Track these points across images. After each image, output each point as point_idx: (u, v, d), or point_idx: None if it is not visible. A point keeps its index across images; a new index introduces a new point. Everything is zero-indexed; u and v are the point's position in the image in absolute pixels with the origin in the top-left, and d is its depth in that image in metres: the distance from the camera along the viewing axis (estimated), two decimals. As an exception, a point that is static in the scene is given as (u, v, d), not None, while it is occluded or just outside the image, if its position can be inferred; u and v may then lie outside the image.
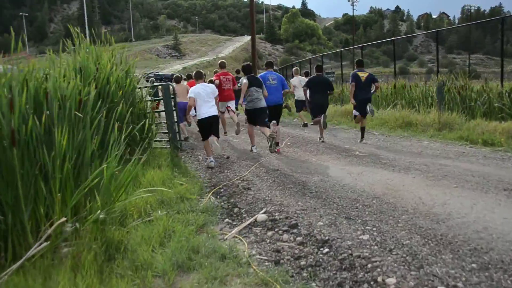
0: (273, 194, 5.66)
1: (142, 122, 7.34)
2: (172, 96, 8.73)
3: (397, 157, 7.64)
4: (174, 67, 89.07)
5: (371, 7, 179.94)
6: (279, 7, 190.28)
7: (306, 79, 11.65)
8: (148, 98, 8.87)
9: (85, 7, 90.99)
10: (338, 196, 5.31)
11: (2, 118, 3.41)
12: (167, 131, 8.76)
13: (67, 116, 3.92)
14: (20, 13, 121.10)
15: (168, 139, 8.81)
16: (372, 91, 9.98)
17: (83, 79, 6.00)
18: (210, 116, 7.74)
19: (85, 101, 4.33)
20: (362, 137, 10.09)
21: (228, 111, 11.42)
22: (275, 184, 6.21)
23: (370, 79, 9.81)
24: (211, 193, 5.91)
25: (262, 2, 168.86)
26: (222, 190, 6.12)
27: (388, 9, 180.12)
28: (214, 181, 6.78)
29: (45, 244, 3.09)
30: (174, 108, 8.76)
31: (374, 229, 4.06)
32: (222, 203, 5.43)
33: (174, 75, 15.34)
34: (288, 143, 10.23)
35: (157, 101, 10.13)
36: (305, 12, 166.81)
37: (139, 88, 8.57)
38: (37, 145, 3.60)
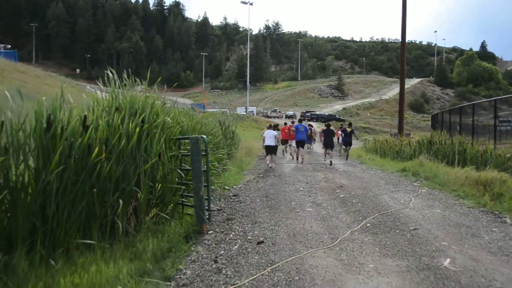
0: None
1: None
2: (204, 153, 6.42)
3: None
4: (334, 107, 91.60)
5: None
6: (454, 49, 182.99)
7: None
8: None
9: (248, 49, 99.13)
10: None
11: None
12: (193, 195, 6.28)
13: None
14: (202, 53, 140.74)
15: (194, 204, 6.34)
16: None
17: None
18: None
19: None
20: None
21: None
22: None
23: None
24: None
25: (435, 45, 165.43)
26: None
27: None
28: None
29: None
30: (204, 168, 6.45)
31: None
32: None
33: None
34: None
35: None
36: (484, 54, 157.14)
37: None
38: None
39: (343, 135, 20.21)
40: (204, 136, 6.50)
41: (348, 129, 20.03)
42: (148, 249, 4.91)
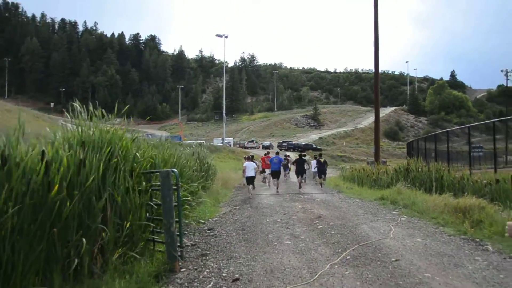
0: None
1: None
2: (174, 187, 6.09)
3: None
4: (311, 137, 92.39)
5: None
6: (426, 78, 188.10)
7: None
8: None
9: (224, 81, 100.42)
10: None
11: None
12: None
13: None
14: (178, 85, 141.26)
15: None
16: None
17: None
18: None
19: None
20: None
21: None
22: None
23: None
24: None
25: (408, 74, 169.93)
26: None
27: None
28: None
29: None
30: (175, 203, 6.02)
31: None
32: None
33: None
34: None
35: None
36: (454, 83, 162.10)
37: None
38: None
39: (317, 165, 20.97)
40: (175, 170, 6.19)
41: (321, 160, 21.28)
42: (114, 292, 4.51)
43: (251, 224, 9.46)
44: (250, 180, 16.62)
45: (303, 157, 21.05)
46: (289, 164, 25.73)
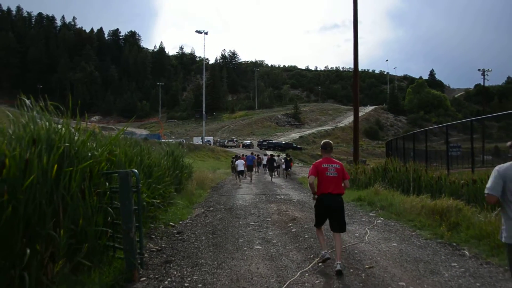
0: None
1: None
2: (135, 190, 5.69)
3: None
4: (291, 135, 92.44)
5: (508, 77, 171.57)
6: (405, 77, 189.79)
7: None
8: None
9: (204, 78, 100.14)
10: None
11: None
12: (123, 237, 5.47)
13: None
14: (158, 83, 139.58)
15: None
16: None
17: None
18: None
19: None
20: None
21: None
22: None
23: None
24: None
25: (387, 73, 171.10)
26: None
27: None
28: None
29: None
30: (135, 207, 5.61)
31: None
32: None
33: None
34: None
35: None
36: (433, 82, 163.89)
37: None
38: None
39: (285, 162, 28.94)
40: (135, 170, 5.76)
41: (288, 158, 30.07)
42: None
43: (222, 227, 9.07)
44: (241, 172, 22.84)
45: (273, 157, 28.43)
46: (260, 161, 34.91)
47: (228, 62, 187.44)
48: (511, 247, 3.78)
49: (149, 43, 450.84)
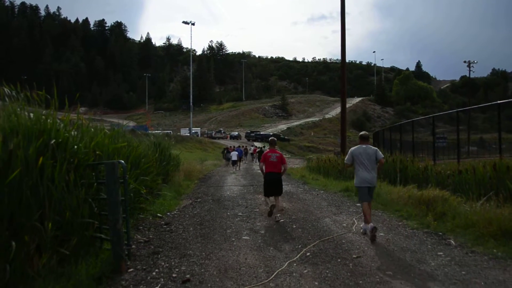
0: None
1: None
2: (122, 181, 5.59)
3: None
4: (279, 127, 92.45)
5: (493, 69, 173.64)
6: (392, 69, 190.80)
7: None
8: None
9: (191, 69, 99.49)
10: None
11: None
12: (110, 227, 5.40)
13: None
14: (145, 74, 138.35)
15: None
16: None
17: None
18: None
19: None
20: None
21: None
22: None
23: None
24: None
25: (375, 65, 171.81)
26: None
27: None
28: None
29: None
30: (122, 198, 5.52)
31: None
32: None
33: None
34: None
35: None
36: (420, 74, 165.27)
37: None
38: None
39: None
40: (122, 161, 5.69)
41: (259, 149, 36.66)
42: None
43: (210, 218, 9.05)
44: (234, 162, 28.63)
45: (262, 149, 32.84)
46: (247, 152, 40.76)
47: (216, 53, 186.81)
48: (359, 188, 7.29)
49: (136, 34, 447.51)
